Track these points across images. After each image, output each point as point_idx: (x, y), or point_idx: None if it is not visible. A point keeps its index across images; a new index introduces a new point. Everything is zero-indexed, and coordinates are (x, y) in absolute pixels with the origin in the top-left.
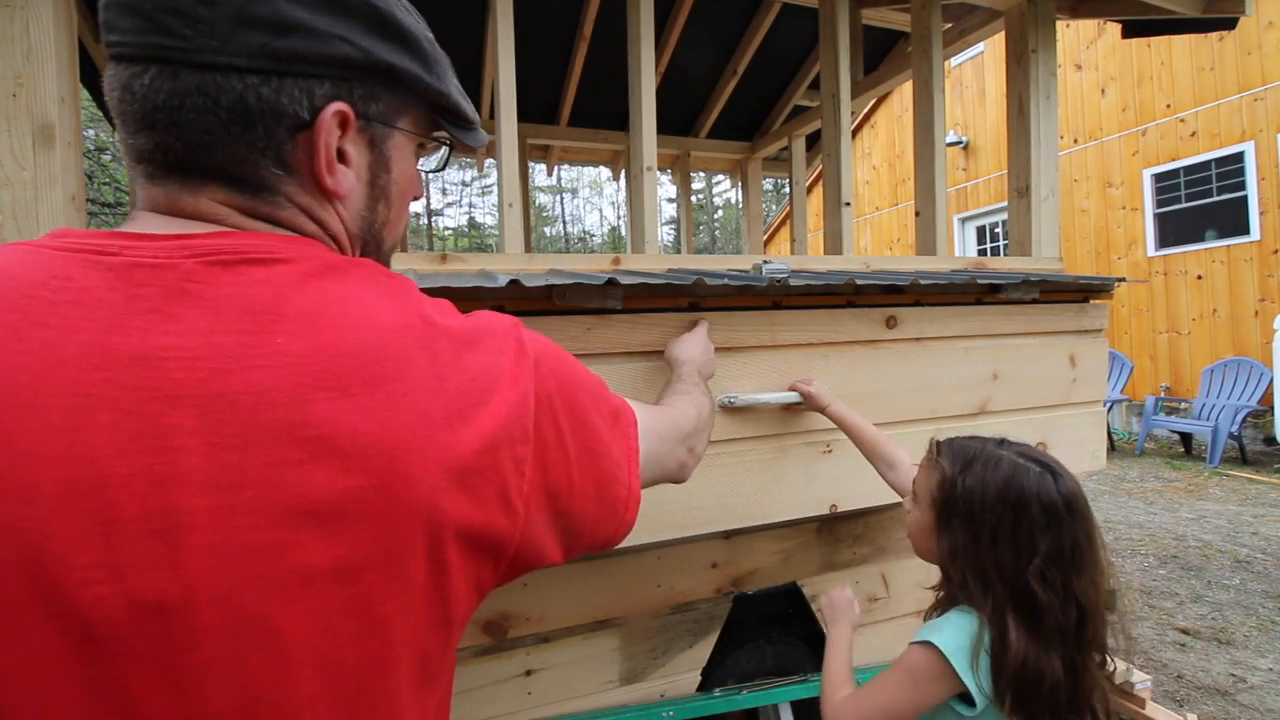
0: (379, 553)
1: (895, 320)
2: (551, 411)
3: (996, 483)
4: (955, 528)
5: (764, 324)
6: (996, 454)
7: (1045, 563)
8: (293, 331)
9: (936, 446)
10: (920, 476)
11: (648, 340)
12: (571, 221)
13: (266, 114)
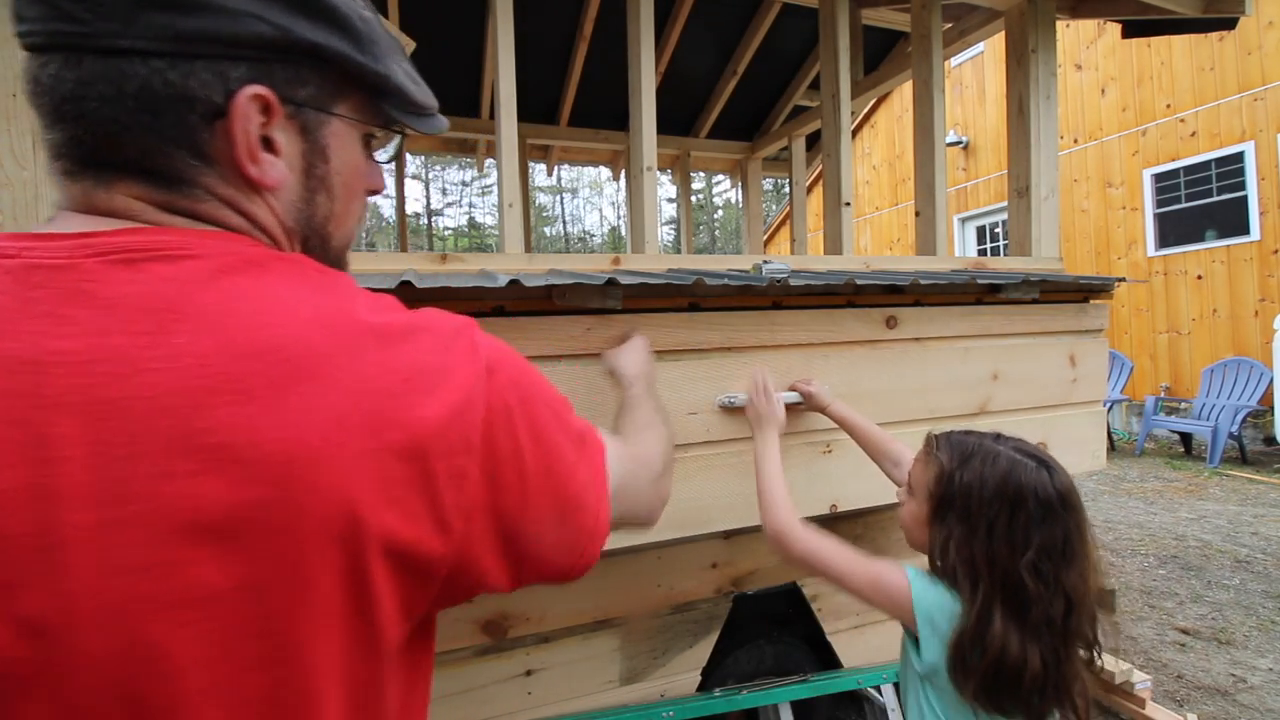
0: (285, 571)
1: (895, 320)
2: (508, 423)
3: (995, 478)
4: (950, 520)
5: (763, 324)
6: (994, 449)
7: (1038, 555)
8: (196, 331)
9: (934, 440)
10: (917, 469)
11: (649, 340)
12: (571, 221)
13: (176, 100)
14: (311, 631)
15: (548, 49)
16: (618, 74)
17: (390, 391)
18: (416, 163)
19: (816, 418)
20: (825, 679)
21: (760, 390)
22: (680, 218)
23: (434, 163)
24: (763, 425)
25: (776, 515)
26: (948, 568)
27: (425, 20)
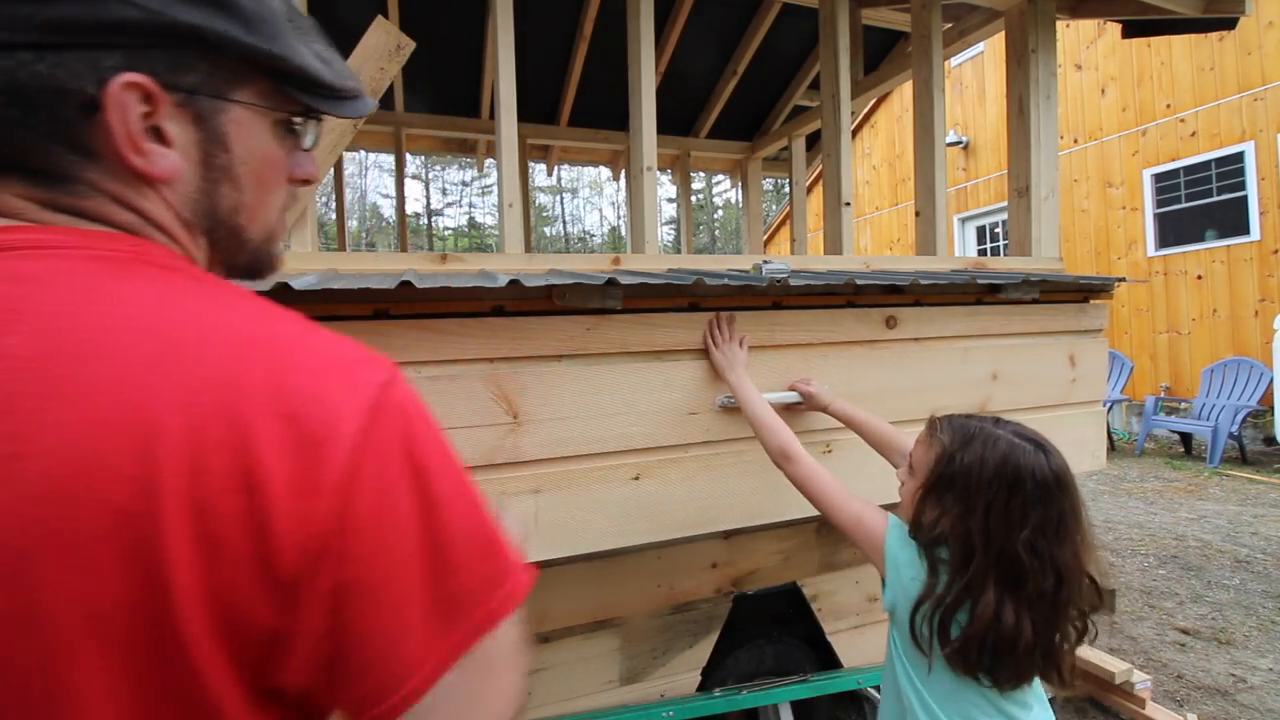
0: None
1: (895, 320)
2: (383, 484)
3: (994, 459)
4: (948, 500)
5: (763, 324)
6: (994, 433)
7: (1034, 533)
8: (30, 333)
9: (937, 423)
10: (918, 450)
11: (649, 340)
12: (571, 221)
13: (46, 93)
14: (90, 674)
15: (548, 49)
16: (618, 74)
17: (215, 411)
18: (416, 163)
19: (818, 417)
20: (825, 679)
21: (715, 337)
22: (680, 218)
23: (434, 163)
24: (733, 367)
25: (777, 437)
26: (934, 539)
27: (425, 20)
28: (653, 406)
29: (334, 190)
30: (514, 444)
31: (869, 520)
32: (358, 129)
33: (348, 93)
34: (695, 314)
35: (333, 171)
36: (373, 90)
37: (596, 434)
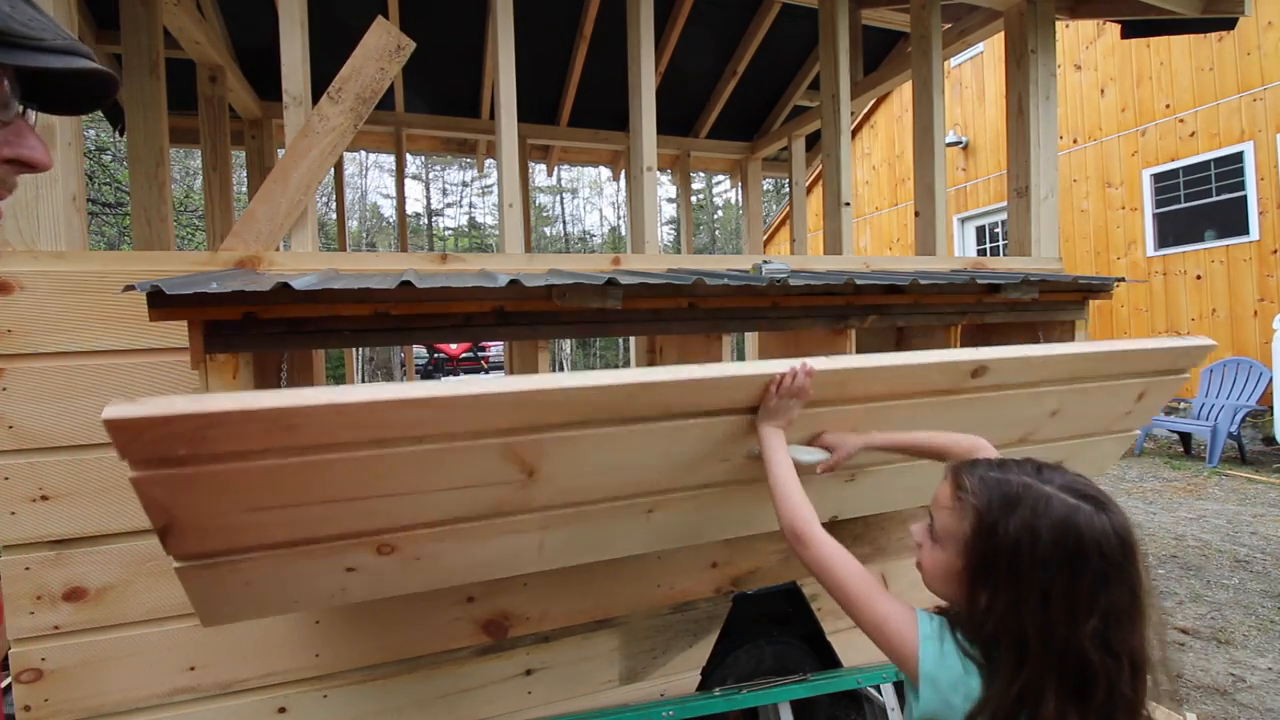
0: None
1: (983, 370)
2: None
3: (1049, 530)
4: (996, 585)
5: (830, 384)
6: (1042, 491)
7: (1104, 622)
8: None
9: (962, 478)
10: (944, 516)
11: (696, 403)
12: (571, 221)
13: None
14: None
15: (548, 49)
16: (618, 74)
17: None
18: (417, 163)
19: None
20: (825, 679)
21: (782, 385)
22: (680, 218)
23: (434, 163)
24: (773, 416)
25: (791, 512)
26: (983, 637)
27: (425, 20)
28: (680, 459)
29: (334, 190)
30: (525, 496)
31: (894, 627)
32: (358, 129)
33: (39, 43)
34: (754, 374)
35: (333, 171)
36: (373, 90)
37: (615, 484)
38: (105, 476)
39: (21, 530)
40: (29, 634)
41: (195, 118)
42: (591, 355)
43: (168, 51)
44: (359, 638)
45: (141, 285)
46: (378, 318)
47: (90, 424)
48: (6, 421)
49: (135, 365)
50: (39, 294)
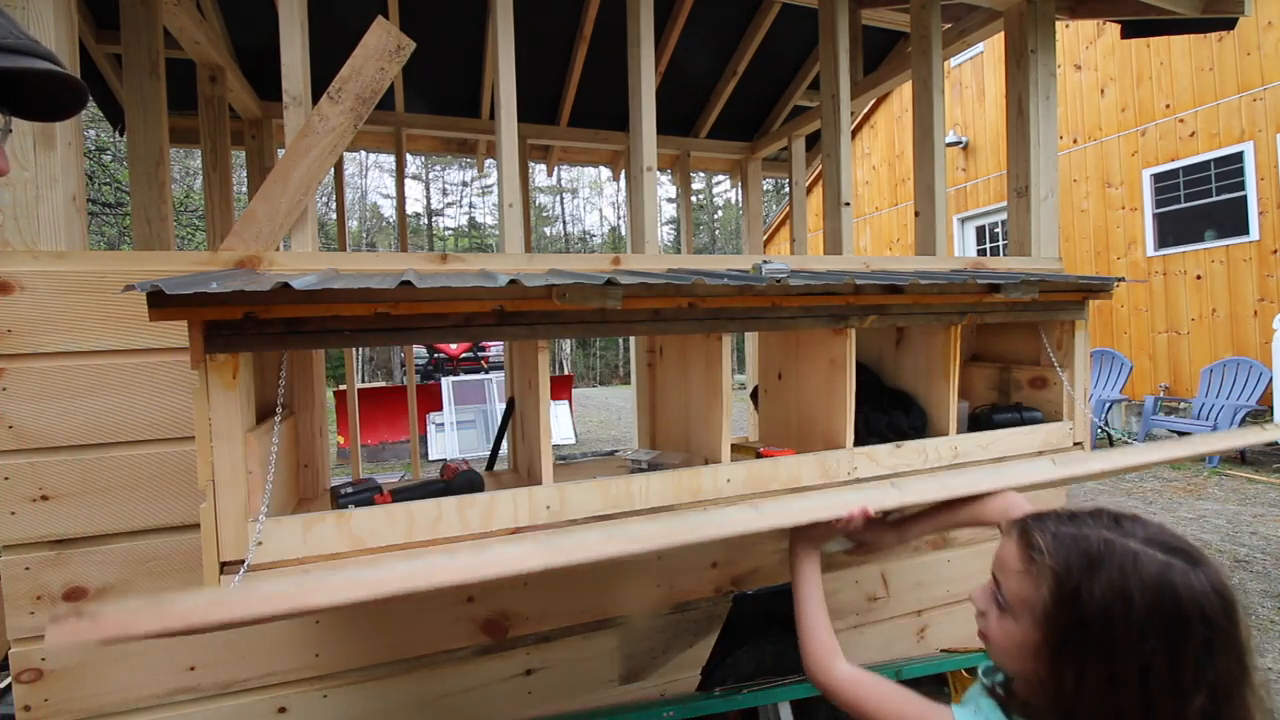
0: None
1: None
2: None
3: (1144, 594)
4: (1085, 660)
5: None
6: (1128, 547)
7: (1211, 699)
8: None
9: (1032, 534)
10: (1014, 581)
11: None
12: (571, 221)
13: None
14: None
15: (548, 49)
16: (618, 74)
17: None
18: (417, 163)
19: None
20: None
21: (851, 520)
22: (680, 218)
23: (434, 163)
24: (814, 543)
25: (816, 655)
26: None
27: (425, 20)
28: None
29: (334, 190)
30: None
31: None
32: (358, 129)
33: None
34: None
35: (333, 171)
36: (373, 90)
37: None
38: (105, 476)
39: (21, 530)
40: (29, 634)
41: (195, 118)
42: (591, 355)
43: (168, 51)
44: (359, 638)
45: (141, 285)
46: (378, 318)
47: (90, 424)
48: (6, 421)
49: (135, 365)
50: (39, 294)
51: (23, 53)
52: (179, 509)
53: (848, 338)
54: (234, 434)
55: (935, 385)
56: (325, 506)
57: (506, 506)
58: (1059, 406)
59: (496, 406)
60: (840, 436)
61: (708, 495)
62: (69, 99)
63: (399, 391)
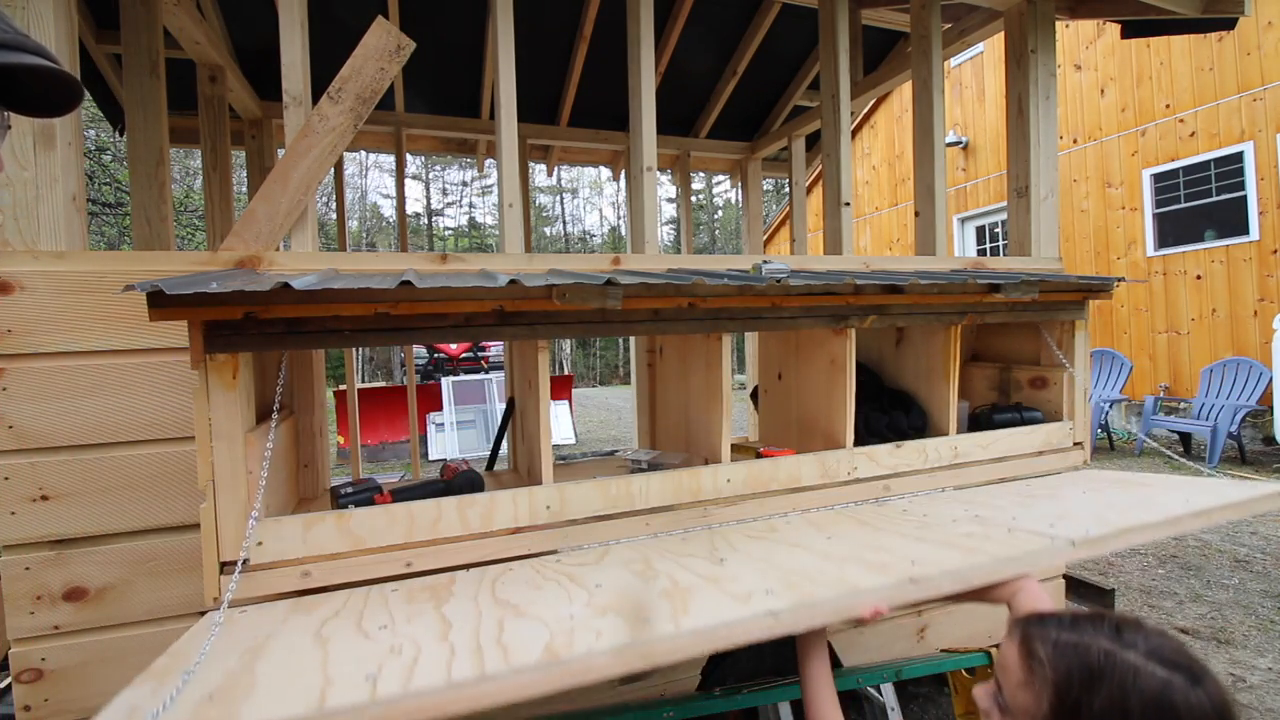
0: None
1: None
2: None
3: (1144, 713)
4: None
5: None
6: (1128, 662)
7: None
8: None
9: (1033, 643)
10: (1015, 688)
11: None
12: (571, 221)
13: None
14: None
15: (548, 49)
16: (618, 74)
17: None
18: (417, 163)
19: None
20: None
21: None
22: (680, 218)
23: (434, 163)
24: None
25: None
26: None
27: (426, 20)
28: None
29: (334, 190)
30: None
31: None
32: (358, 129)
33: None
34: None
35: (333, 171)
36: (373, 90)
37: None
38: (105, 476)
39: (21, 530)
40: (29, 634)
41: (195, 118)
42: (591, 355)
43: (168, 51)
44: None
45: (141, 285)
46: (378, 318)
47: (90, 424)
48: (6, 421)
49: (135, 365)
50: (39, 294)
51: (14, 48)
52: (179, 509)
53: (848, 338)
54: (234, 434)
55: (935, 385)
56: (325, 506)
57: (506, 506)
58: (1059, 406)
59: (496, 406)
60: (840, 436)
61: (708, 495)
62: (63, 95)
63: (399, 391)
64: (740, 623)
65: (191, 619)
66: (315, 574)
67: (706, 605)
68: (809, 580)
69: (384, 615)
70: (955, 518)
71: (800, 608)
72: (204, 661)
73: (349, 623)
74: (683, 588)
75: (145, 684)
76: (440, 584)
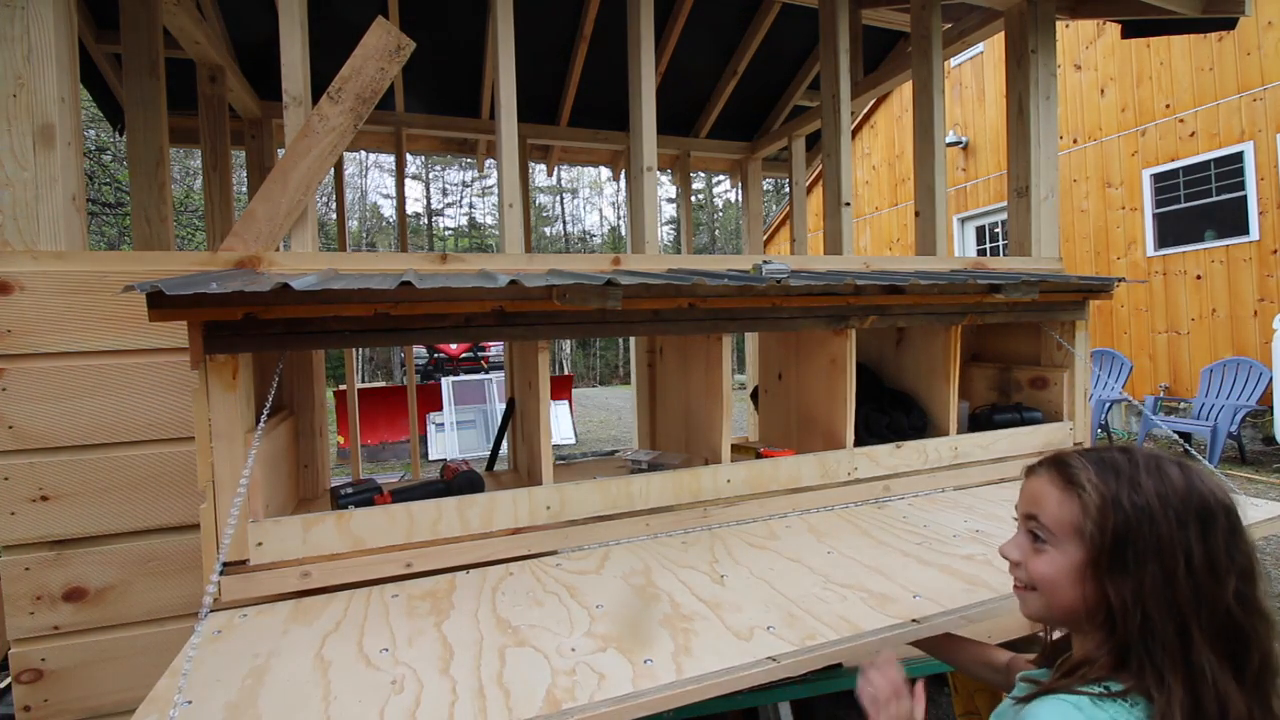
0: None
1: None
2: None
3: (1175, 492)
4: (1141, 562)
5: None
6: (1151, 459)
7: (1241, 581)
8: None
9: (1066, 461)
10: (1055, 508)
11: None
12: (571, 221)
13: None
14: None
15: (548, 49)
16: (618, 74)
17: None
18: (417, 163)
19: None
20: (825, 679)
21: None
22: (680, 218)
23: (434, 163)
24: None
25: None
26: (1140, 633)
27: (425, 20)
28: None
29: (334, 190)
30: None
31: None
32: (358, 129)
33: None
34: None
35: (333, 172)
36: (373, 90)
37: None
38: (105, 477)
39: (21, 530)
40: (29, 634)
41: (195, 118)
42: (592, 355)
43: (168, 51)
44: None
45: (141, 285)
46: (378, 318)
47: (90, 424)
48: (6, 421)
49: (135, 365)
50: (39, 294)
51: None
52: (179, 509)
53: (848, 338)
54: (234, 434)
55: (935, 385)
56: (325, 507)
57: (506, 507)
58: (1059, 407)
59: (496, 406)
60: (840, 436)
61: (708, 496)
62: None
63: (399, 391)
64: (742, 668)
65: (191, 619)
66: (315, 574)
67: (708, 643)
68: (810, 615)
69: (384, 633)
70: (956, 532)
71: (800, 653)
72: (205, 682)
73: (350, 642)
74: (684, 614)
75: (149, 717)
76: (440, 591)
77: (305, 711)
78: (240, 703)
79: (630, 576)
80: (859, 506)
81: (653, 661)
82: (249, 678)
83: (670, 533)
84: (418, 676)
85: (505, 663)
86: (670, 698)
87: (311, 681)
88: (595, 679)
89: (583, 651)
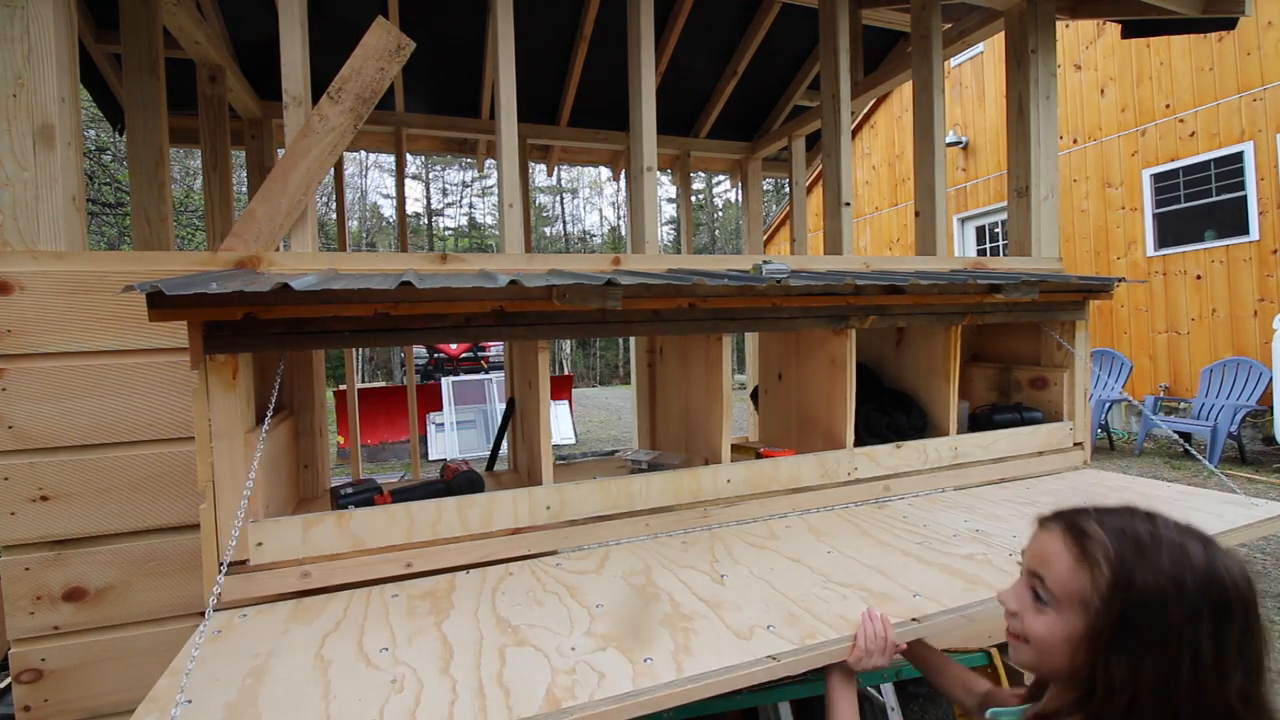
0: None
1: None
2: None
3: (1196, 580)
4: (1142, 647)
5: None
6: (1171, 537)
7: (1247, 678)
8: None
9: (1082, 524)
10: (1061, 571)
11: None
12: (571, 221)
13: None
14: None
15: (548, 49)
16: (618, 74)
17: None
18: (416, 163)
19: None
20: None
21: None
22: (680, 218)
23: (434, 163)
24: (851, 668)
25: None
26: (1132, 715)
27: (425, 20)
28: None
29: (334, 190)
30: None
31: None
32: (358, 129)
33: None
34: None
35: (333, 172)
36: (373, 90)
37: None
38: (105, 477)
39: (21, 530)
40: (29, 634)
41: (195, 118)
42: (591, 355)
43: (168, 51)
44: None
45: (141, 285)
46: (378, 318)
47: (90, 424)
48: (6, 421)
49: (135, 365)
50: (39, 294)
51: None
52: (179, 509)
53: (848, 338)
54: (234, 434)
55: (935, 385)
56: (325, 507)
57: (506, 507)
58: (1059, 407)
59: (496, 406)
60: (840, 436)
61: (708, 496)
62: None
63: (399, 391)
64: (741, 667)
65: (191, 619)
66: (315, 574)
67: (708, 642)
68: (810, 614)
69: (384, 632)
70: (956, 532)
71: (800, 651)
72: (205, 682)
73: (350, 641)
74: (684, 614)
75: (149, 716)
76: (440, 591)
77: (305, 710)
78: (240, 702)
79: (630, 576)
80: (859, 506)
81: (653, 660)
82: (249, 677)
83: (670, 533)
84: (418, 676)
85: (505, 662)
86: (670, 696)
87: (311, 681)
88: (595, 678)
89: (583, 650)
